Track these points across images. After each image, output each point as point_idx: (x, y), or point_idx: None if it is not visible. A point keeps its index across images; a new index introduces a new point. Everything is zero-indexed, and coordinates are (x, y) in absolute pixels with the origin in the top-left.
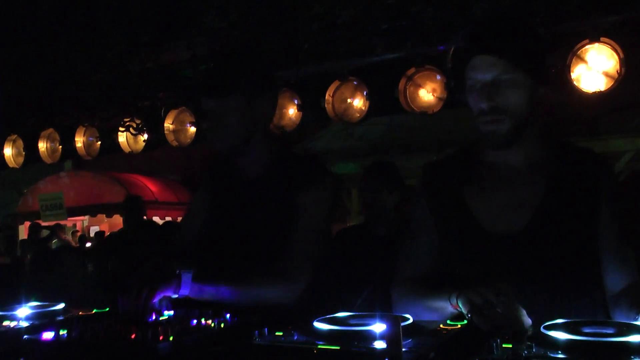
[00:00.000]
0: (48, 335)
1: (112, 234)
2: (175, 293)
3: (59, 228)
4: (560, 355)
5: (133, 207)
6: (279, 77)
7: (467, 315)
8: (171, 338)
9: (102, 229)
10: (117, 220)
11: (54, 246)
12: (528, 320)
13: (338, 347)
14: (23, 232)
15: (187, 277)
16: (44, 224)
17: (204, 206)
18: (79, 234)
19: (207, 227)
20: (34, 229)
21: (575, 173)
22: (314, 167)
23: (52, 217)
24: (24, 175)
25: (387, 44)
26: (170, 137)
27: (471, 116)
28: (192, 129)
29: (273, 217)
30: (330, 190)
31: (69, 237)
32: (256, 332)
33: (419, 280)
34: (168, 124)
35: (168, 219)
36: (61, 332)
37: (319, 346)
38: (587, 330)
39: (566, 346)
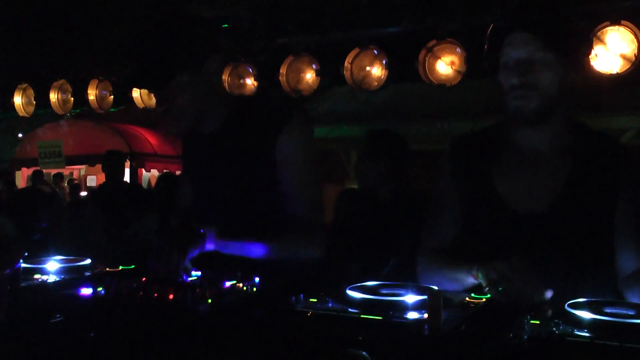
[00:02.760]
0: (86, 291)
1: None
2: (201, 250)
3: (59, 177)
4: (588, 334)
5: (114, 163)
6: (299, 42)
7: (485, 288)
8: (209, 301)
9: (99, 178)
10: None
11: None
12: (547, 294)
13: (380, 317)
14: (20, 178)
15: (210, 235)
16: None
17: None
18: (75, 182)
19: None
20: (37, 178)
21: (597, 158)
22: (284, 106)
23: (51, 165)
24: (21, 120)
25: (411, 15)
26: None
27: (479, 87)
28: None
29: (244, 167)
30: (308, 124)
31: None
32: (293, 297)
33: (442, 251)
34: None
35: (166, 171)
36: (98, 289)
37: (362, 316)
38: (610, 310)
39: (593, 326)
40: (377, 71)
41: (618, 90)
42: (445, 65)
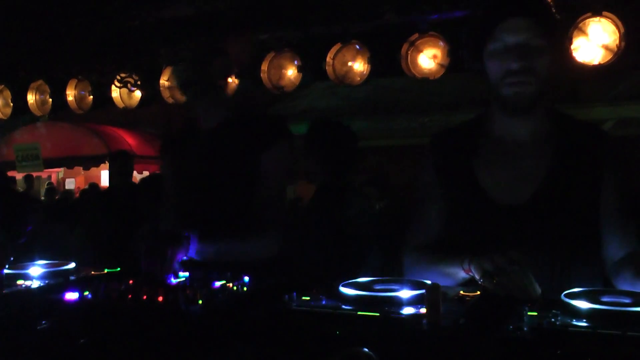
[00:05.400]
0: (72, 296)
1: (100, 191)
2: (186, 254)
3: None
4: (587, 324)
5: (122, 162)
6: (281, 37)
7: (479, 281)
8: (200, 302)
9: (78, 181)
10: (94, 173)
11: None
12: (538, 289)
13: (377, 314)
14: None
15: (194, 239)
16: (18, 175)
17: (171, 168)
18: (49, 185)
19: (176, 186)
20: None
21: (579, 146)
22: (275, 127)
23: (29, 168)
24: None
25: (393, 9)
26: (166, 94)
27: (455, 80)
28: None
29: (232, 170)
30: (289, 150)
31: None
32: (286, 296)
33: (430, 246)
34: (164, 81)
35: (146, 173)
36: (85, 293)
37: (359, 312)
38: (606, 299)
39: (593, 315)
40: (359, 66)
41: (597, 80)
42: (428, 59)
